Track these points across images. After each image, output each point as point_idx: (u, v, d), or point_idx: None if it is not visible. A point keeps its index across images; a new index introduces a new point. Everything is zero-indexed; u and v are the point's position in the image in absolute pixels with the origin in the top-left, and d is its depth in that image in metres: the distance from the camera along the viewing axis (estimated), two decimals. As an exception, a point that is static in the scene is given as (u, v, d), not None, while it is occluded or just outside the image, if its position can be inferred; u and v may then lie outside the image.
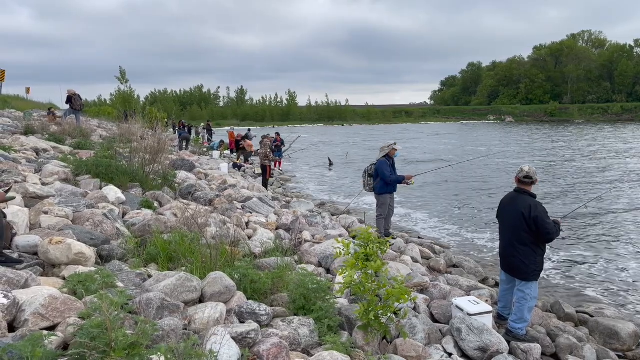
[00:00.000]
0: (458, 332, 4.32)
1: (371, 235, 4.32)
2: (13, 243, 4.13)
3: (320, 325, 3.74)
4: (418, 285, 5.59)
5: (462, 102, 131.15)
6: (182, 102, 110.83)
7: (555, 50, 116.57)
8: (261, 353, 3.09)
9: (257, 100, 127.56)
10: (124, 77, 35.86)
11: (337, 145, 39.48)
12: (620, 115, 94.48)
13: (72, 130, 14.37)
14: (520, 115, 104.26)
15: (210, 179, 12.23)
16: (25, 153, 9.26)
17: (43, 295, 2.98)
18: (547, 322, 5.33)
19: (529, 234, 4.65)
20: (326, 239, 7.14)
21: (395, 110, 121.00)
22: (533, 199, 4.74)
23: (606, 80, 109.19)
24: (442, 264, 7.43)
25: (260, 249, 6.01)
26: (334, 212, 11.90)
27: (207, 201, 8.42)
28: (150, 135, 10.00)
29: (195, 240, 4.95)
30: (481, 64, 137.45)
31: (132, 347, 2.44)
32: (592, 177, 18.38)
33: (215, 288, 3.84)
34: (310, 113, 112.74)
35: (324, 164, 25.12)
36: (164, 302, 3.34)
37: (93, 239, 4.69)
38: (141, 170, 8.50)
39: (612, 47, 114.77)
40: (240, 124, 75.02)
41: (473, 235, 10.19)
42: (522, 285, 4.75)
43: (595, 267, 8.01)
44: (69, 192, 6.19)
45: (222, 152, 24.62)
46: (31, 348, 2.23)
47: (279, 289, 4.42)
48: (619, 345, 5.06)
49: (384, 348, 3.98)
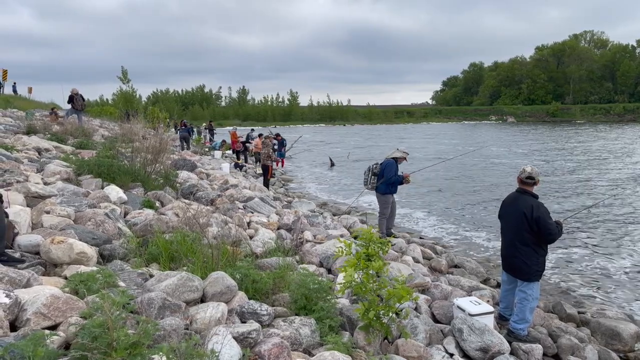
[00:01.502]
0: (459, 332, 4.31)
1: (372, 235, 4.32)
2: (15, 242, 4.14)
3: (321, 325, 3.74)
4: (419, 285, 5.58)
5: (464, 102, 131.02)
6: (184, 102, 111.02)
7: (558, 50, 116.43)
8: (262, 353, 3.09)
9: (258, 100, 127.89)
10: (126, 77, 35.85)
11: (339, 146, 39.47)
12: (622, 115, 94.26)
13: (74, 130, 14.38)
14: (522, 115, 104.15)
15: (212, 178, 12.24)
16: (27, 153, 9.28)
17: (45, 295, 2.98)
18: (548, 323, 5.32)
19: (531, 234, 4.65)
20: (327, 239, 7.15)
21: (396, 111, 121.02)
22: (535, 199, 4.73)
23: (608, 81, 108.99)
24: (443, 264, 7.42)
25: (261, 248, 6.01)
26: (336, 212, 11.90)
27: (209, 201, 8.42)
28: (152, 135, 10.01)
29: (196, 240, 4.95)
30: (483, 64, 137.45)
31: (134, 347, 2.45)
32: (594, 177, 18.34)
33: (217, 288, 3.84)
34: (312, 113, 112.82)
35: (325, 164, 25.12)
36: (165, 301, 3.34)
37: (95, 239, 4.69)
38: (143, 170, 8.51)
39: (614, 47, 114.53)
40: (242, 124, 75.06)
41: (474, 235, 10.18)
42: (523, 285, 4.74)
43: (597, 268, 7.99)
44: (70, 191, 6.19)
45: (224, 152, 24.63)
46: (33, 347, 2.23)
47: (280, 289, 4.42)
48: (621, 345, 5.04)
49: (385, 348, 3.98)
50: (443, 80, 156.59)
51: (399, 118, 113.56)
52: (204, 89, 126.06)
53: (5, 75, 32.11)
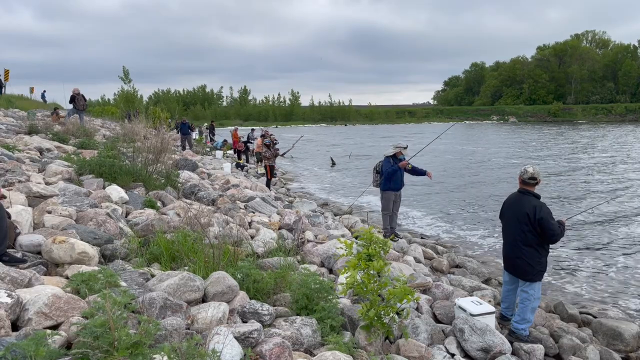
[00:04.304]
0: (461, 332, 4.31)
1: (373, 235, 4.31)
2: (17, 242, 4.14)
3: (322, 325, 3.74)
4: (421, 285, 5.58)
5: (465, 102, 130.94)
6: (186, 102, 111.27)
7: (559, 50, 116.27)
8: (264, 353, 3.09)
9: (260, 100, 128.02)
10: (127, 77, 35.85)
11: (340, 145, 39.46)
12: (624, 115, 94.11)
13: (75, 129, 14.39)
14: (524, 115, 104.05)
15: (213, 178, 12.25)
16: (29, 152, 9.29)
17: (46, 294, 2.99)
18: (550, 323, 5.32)
19: (534, 235, 4.63)
20: (329, 239, 7.15)
21: (398, 111, 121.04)
22: (537, 200, 4.72)
23: (610, 81, 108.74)
24: (444, 264, 7.42)
25: (263, 248, 6.01)
26: (337, 212, 11.90)
27: (210, 201, 8.43)
28: (154, 135, 10.01)
29: (198, 240, 4.95)
30: (484, 64, 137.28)
31: (135, 347, 2.45)
32: (596, 177, 18.31)
33: (218, 288, 3.84)
34: (313, 113, 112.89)
35: (326, 164, 25.12)
36: (166, 301, 3.34)
37: (96, 239, 4.69)
38: (144, 170, 8.52)
39: (616, 47, 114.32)
40: (243, 124, 75.12)
41: (475, 235, 10.17)
42: (525, 286, 4.74)
43: (599, 268, 7.98)
44: (72, 191, 6.20)
45: (225, 152, 24.64)
46: (34, 347, 2.24)
47: (281, 288, 4.42)
48: (623, 346, 5.03)
49: (386, 348, 3.98)
50: (444, 80, 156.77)
51: (401, 118, 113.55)
52: (205, 89, 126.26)
53: (7, 75, 32.08)
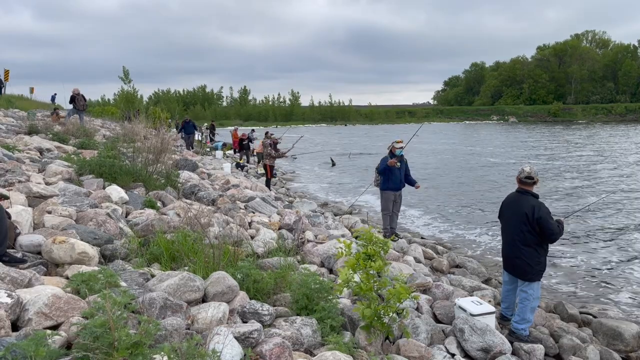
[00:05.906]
0: (461, 332, 4.31)
1: (373, 235, 4.31)
2: (17, 242, 4.14)
3: (322, 326, 3.74)
4: (421, 285, 5.58)
5: (465, 102, 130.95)
6: (186, 102, 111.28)
7: (559, 50, 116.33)
8: (264, 353, 3.09)
9: (260, 100, 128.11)
10: (127, 77, 35.85)
11: (340, 145, 39.46)
12: (624, 115, 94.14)
13: (75, 130, 14.39)
14: (524, 115, 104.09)
15: (213, 178, 12.24)
16: (29, 152, 9.29)
17: (46, 295, 2.99)
18: (550, 323, 5.32)
19: (533, 234, 4.64)
20: (329, 239, 7.14)
21: (398, 110, 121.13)
22: (536, 199, 4.72)
23: (610, 81, 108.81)
24: (444, 264, 7.41)
25: (263, 248, 6.01)
26: (337, 212, 11.90)
27: (210, 201, 8.42)
28: (154, 135, 10.01)
29: (198, 240, 4.95)
30: (484, 64, 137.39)
31: (135, 347, 2.45)
32: (595, 176, 18.30)
33: (218, 288, 3.84)
34: (313, 113, 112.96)
35: (326, 164, 25.12)
36: (166, 301, 3.34)
37: (96, 239, 4.69)
38: (144, 170, 8.51)
39: (616, 47, 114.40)
40: (243, 124, 75.13)
41: (475, 235, 10.17)
42: (525, 285, 4.74)
43: (598, 268, 7.98)
44: (72, 191, 6.20)
45: (225, 152, 24.65)
46: (34, 347, 2.24)
47: (281, 288, 4.42)
48: (623, 346, 5.03)
49: (386, 348, 3.98)
50: (444, 80, 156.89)
51: (401, 118, 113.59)
52: (205, 89, 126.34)
53: (7, 75, 32.05)
